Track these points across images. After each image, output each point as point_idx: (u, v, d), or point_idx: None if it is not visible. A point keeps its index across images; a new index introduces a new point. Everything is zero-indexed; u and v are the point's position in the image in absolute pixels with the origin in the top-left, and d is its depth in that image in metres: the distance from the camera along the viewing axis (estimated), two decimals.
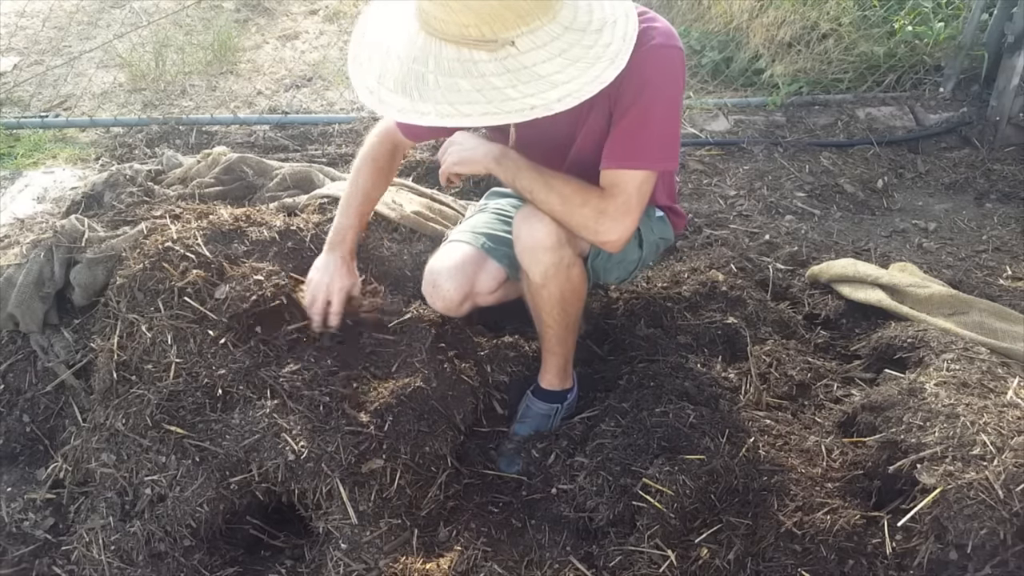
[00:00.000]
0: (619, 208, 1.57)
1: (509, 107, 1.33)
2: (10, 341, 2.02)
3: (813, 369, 2.01)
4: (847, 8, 3.66)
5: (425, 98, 1.34)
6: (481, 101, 1.33)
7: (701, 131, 3.38)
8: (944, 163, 3.21)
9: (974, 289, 2.31)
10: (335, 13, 4.60)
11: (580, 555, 1.60)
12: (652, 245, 1.94)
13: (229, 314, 1.75)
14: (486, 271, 1.83)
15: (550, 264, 1.66)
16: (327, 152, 3.11)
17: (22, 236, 2.59)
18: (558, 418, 1.91)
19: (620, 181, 1.57)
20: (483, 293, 1.85)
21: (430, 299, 1.85)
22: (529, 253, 1.67)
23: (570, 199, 1.59)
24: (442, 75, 1.34)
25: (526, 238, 1.66)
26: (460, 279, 1.80)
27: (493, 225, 1.92)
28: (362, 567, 1.54)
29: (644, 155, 1.56)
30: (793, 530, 1.52)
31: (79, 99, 3.65)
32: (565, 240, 1.65)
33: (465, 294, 1.82)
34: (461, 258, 1.83)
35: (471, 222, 1.97)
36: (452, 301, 1.81)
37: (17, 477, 1.85)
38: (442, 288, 1.81)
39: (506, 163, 1.65)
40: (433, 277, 1.83)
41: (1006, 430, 1.53)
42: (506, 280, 1.87)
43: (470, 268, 1.82)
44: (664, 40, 1.55)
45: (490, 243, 1.86)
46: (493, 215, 1.97)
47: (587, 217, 1.58)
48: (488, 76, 1.33)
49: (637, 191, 1.57)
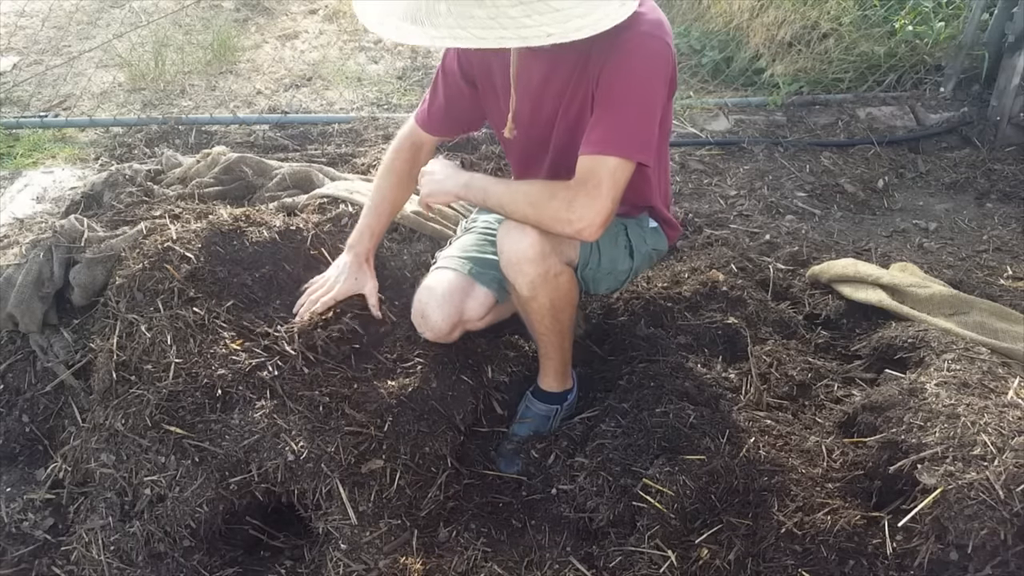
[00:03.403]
0: (589, 193, 1.53)
1: (526, 34, 1.34)
2: (9, 341, 2.02)
3: (813, 369, 2.01)
4: (847, 8, 3.66)
5: (437, 25, 1.35)
6: (496, 28, 1.34)
7: (701, 131, 3.37)
8: (945, 163, 3.21)
9: (975, 289, 2.30)
10: (335, 12, 4.60)
11: (580, 555, 1.59)
12: (644, 256, 1.92)
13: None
14: (473, 298, 1.82)
15: (536, 275, 1.65)
16: (327, 152, 3.11)
17: (21, 236, 2.58)
18: (558, 419, 1.91)
19: (593, 166, 1.55)
20: (472, 319, 1.84)
21: (419, 328, 1.85)
22: (514, 267, 1.66)
23: (538, 198, 1.58)
24: (455, 4, 1.34)
25: (510, 252, 1.65)
26: (448, 309, 1.80)
27: (480, 247, 1.90)
28: (362, 567, 1.54)
29: (618, 142, 1.54)
30: (793, 530, 1.52)
31: (78, 99, 3.65)
32: (550, 250, 1.64)
33: (454, 324, 1.81)
34: (448, 287, 1.81)
35: (459, 244, 1.95)
36: (441, 331, 1.81)
37: (16, 477, 1.85)
38: (431, 319, 1.80)
39: (474, 187, 1.68)
40: (421, 307, 1.82)
41: (1007, 430, 1.53)
42: (495, 304, 1.86)
43: (457, 297, 1.81)
44: (650, 29, 1.54)
45: (477, 267, 1.84)
46: (480, 235, 1.95)
47: (558, 209, 1.55)
48: (502, 7, 1.34)
49: (610, 176, 1.53)
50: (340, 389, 1.73)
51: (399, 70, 4.00)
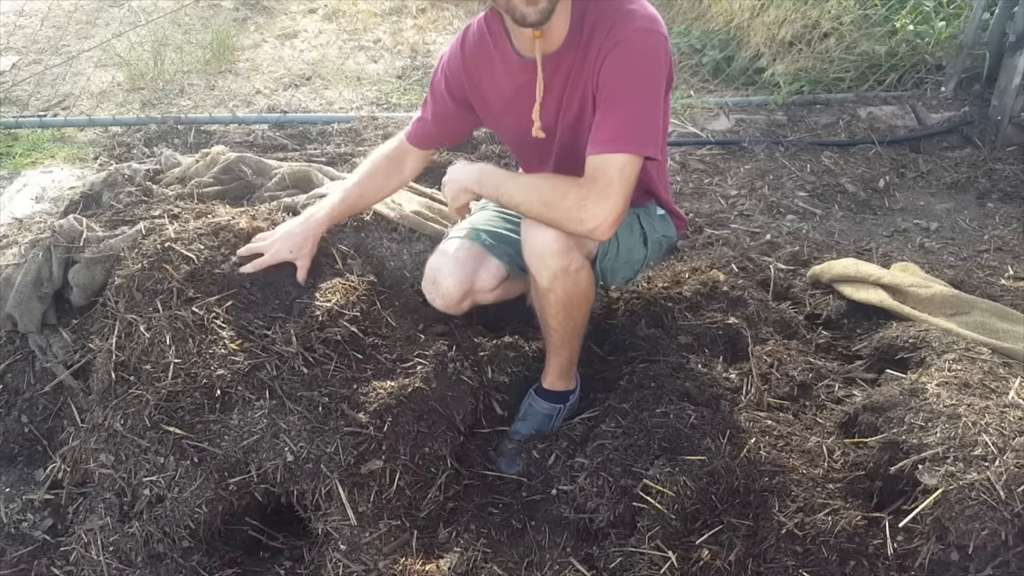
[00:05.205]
0: (600, 191, 1.54)
1: None
2: (8, 341, 2.01)
3: (814, 369, 2.00)
4: (848, 7, 3.65)
5: None
6: None
7: (702, 130, 3.37)
8: (946, 163, 3.20)
9: (976, 289, 2.30)
10: (334, 12, 4.60)
11: (580, 556, 1.59)
12: (656, 243, 1.94)
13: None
14: (486, 268, 1.83)
15: (558, 268, 1.66)
16: (326, 151, 3.11)
17: (20, 236, 2.58)
18: (560, 419, 1.90)
19: (602, 165, 1.55)
20: (483, 291, 1.84)
21: (429, 296, 1.85)
22: (537, 258, 1.67)
23: (550, 197, 1.58)
24: None
25: (534, 243, 1.66)
26: (460, 276, 1.80)
27: (495, 222, 1.92)
28: (361, 568, 1.53)
29: (625, 139, 1.55)
30: (794, 531, 1.52)
31: (77, 98, 3.65)
32: (573, 244, 1.65)
33: (465, 291, 1.81)
34: (462, 255, 1.82)
35: (473, 219, 1.97)
36: (452, 299, 1.81)
37: (15, 478, 1.84)
38: (442, 285, 1.80)
39: (486, 184, 1.68)
40: (433, 274, 1.82)
41: (1008, 431, 1.53)
42: (506, 278, 1.86)
43: (470, 265, 1.82)
44: (646, 24, 1.55)
45: (491, 240, 1.86)
46: (495, 212, 1.97)
47: (570, 209, 1.56)
48: None
49: (619, 174, 1.54)
50: (340, 389, 1.72)
51: (398, 69, 4.00)
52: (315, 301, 1.82)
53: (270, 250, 1.86)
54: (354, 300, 1.86)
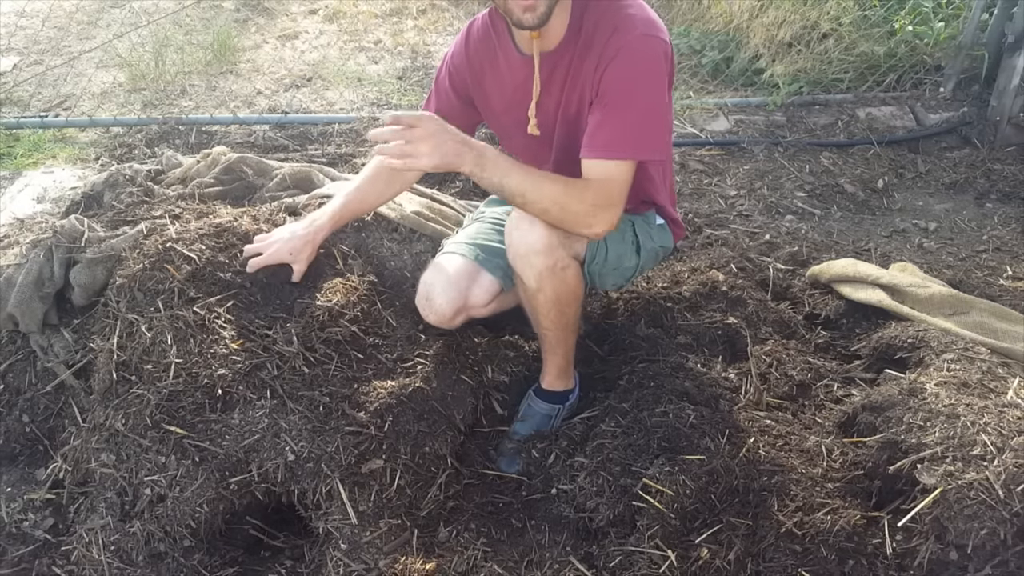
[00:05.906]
0: (606, 200, 1.58)
1: None
2: (10, 341, 2.02)
3: (813, 369, 2.01)
4: (847, 8, 3.66)
5: None
6: None
7: (701, 131, 3.38)
8: (944, 163, 3.21)
9: (974, 289, 2.31)
10: (335, 13, 4.61)
11: (580, 555, 1.59)
12: (650, 253, 1.93)
13: None
14: (479, 284, 1.83)
15: (544, 268, 1.66)
16: (327, 152, 3.11)
17: (22, 236, 2.58)
18: (559, 418, 1.91)
19: (605, 171, 1.57)
20: (477, 306, 1.84)
21: (423, 312, 1.85)
22: (522, 259, 1.67)
23: (566, 200, 1.58)
24: None
25: (518, 243, 1.66)
26: (453, 293, 1.80)
27: (488, 235, 1.91)
28: (362, 567, 1.54)
29: (627, 145, 1.56)
30: (793, 530, 1.52)
31: (79, 99, 3.65)
32: (558, 243, 1.65)
33: (458, 308, 1.82)
34: (454, 271, 1.82)
35: (467, 232, 1.96)
36: (445, 315, 1.82)
37: (17, 477, 1.85)
38: (435, 302, 1.81)
39: (488, 166, 1.54)
40: (426, 290, 1.83)
41: (1006, 430, 1.53)
42: (500, 292, 1.86)
43: (463, 282, 1.81)
44: (646, 30, 1.56)
45: (484, 254, 1.85)
46: (489, 224, 1.95)
47: (584, 214, 1.59)
48: None
49: (621, 178, 1.58)
50: (340, 389, 1.73)
51: (399, 70, 4.01)
52: (316, 301, 1.83)
53: (269, 250, 1.87)
54: (355, 300, 1.87)
